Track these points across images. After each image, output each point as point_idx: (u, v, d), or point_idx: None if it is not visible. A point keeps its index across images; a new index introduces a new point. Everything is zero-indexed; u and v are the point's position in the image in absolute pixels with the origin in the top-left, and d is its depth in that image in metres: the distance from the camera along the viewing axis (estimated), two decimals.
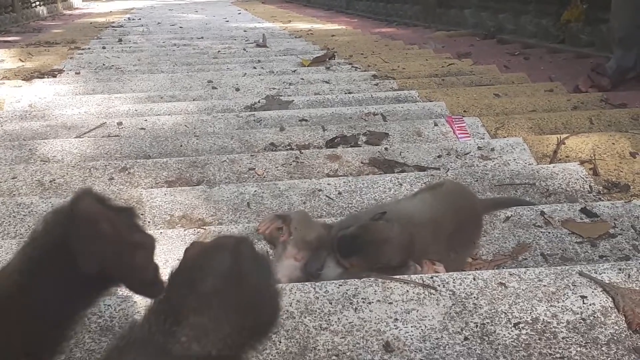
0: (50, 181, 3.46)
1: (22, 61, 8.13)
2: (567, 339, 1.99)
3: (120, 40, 10.98)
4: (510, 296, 2.15)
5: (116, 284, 1.24)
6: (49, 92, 6.11)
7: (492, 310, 2.09)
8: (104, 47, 9.84)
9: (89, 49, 9.75)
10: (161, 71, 7.38)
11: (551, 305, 2.10)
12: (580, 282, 2.19)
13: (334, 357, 1.94)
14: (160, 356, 1.14)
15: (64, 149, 4.03)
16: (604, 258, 2.54)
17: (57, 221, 1.20)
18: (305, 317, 2.09)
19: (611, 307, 2.09)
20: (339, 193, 3.18)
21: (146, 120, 4.64)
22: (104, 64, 7.92)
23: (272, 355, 1.94)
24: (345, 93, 5.79)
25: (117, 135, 4.38)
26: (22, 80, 6.71)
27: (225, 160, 3.66)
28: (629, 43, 5.40)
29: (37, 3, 17.05)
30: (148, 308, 1.15)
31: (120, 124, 4.55)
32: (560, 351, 1.95)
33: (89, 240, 1.14)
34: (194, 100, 5.60)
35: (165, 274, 2.35)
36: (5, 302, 1.16)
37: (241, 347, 1.20)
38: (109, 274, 1.19)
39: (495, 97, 5.29)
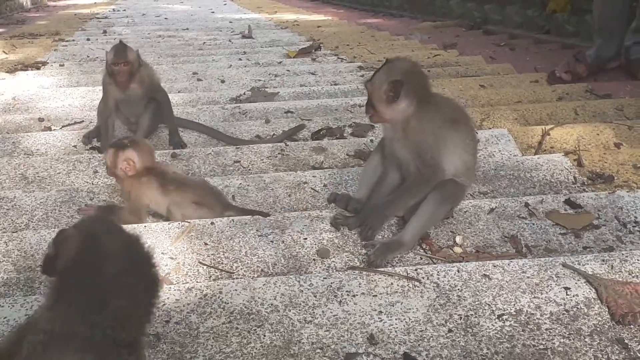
0: (34, 174, 3.44)
1: (6, 53, 8.06)
2: (551, 330, 1.99)
3: (104, 31, 10.90)
4: (494, 288, 2.15)
5: None
6: (33, 84, 6.06)
7: (476, 302, 2.10)
8: (88, 39, 9.77)
9: (74, 40, 9.68)
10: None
11: (535, 297, 2.11)
12: (564, 274, 2.20)
13: (318, 351, 1.94)
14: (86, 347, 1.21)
15: (47, 142, 4.00)
16: (588, 249, 2.55)
17: None
18: (290, 311, 2.09)
19: (594, 299, 2.10)
20: (324, 185, 3.17)
21: None
22: (88, 56, 7.87)
23: (256, 348, 1.94)
24: (331, 85, 5.78)
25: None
26: (6, 72, 6.66)
27: (210, 153, 3.64)
28: (608, 33, 5.43)
29: None
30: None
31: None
32: (543, 342, 1.96)
33: None
34: (178, 92, 5.57)
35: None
36: None
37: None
38: None
39: (481, 88, 5.30)
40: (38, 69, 7.01)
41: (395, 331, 2.00)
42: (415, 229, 2.52)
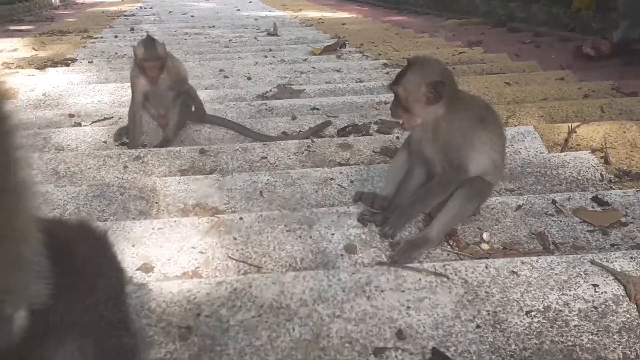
0: (65, 169, 3.50)
1: (36, 50, 8.16)
2: (579, 327, 2.00)
3: (132, 29, 10.99)
4: (522, 284, 2.16)
5: None
6: (63, 80, 6.14)
7: (504, 299, 2.11)
8: (116, 36, 9.86)
9: (102, 37, 9.78)
10: None
11: (563, 294, 2.12)
12: (592, 271, 2.20)
13: (347, 345, 1.96)
14: None
15: (78, 138, 4.06)
16: (616, 246, 2.55)
17: None
18: (319, 305, 2.11)
19: (623, 296, 2.10)
20: (351, 182, 3.19)
21: None
22: (116, 53, 7.95)
23: (285, 342, 1.97)
24: (357, 82, 5.80)
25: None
26: (36, 69, 6.74)
27: (237, 149, 3.68)
28: (634, 16, 5.48)
29: None
30: None
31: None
32: (572, 339, 1.96)
33: None
34: (205, 89, 5.62)
35: (177, 262, 2.39)
36: None
37: None
38: None
39: (506, 86, 5.29)
40: (67, 65, 7.09)
41: (424, 326, 2.02)
42: (441, 226, 2.53)
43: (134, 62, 3.91)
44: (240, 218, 2.73)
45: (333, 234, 2.63)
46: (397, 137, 3.77)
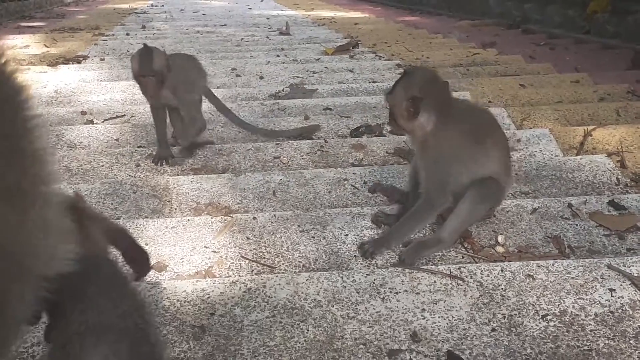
0: (78, 167, 3.49)
1: (47, 47, 8.18)
2: (595, 332, 1.98)
3: (143, 26, 11.03)
4: (538, 288, 2.14)
5: None
6: (74, 78, 6.15)
7: (520, 302, 2.09)
8: (127, 34, 9.88)
9: (113, 35, 9.80)
10: None
11: (579, 298, 2.10)
12: (609, 275, 2.18)
13: (361, 346, 1.95)
14: None
15: (90, 135, 4.06)
16: (632, 251, 2.52)
17: None
18: (333, 306, 2.10)
19: (639, 300, 2.08)
20: (365, 182, 3.18)
21: None
22: (128, 51, 7.96)
23: (299, 343, 1.96)
24: (370, 82, 5.79)
25: (143, 122, 4.40)
26: (47, 66, 6.76)
27: (250, 149, 3.67)
28: None
29: None
30: None
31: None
32: (588, 343, 1.94)
33: None
34: (217, 87, 5.60)
35: (191, 261, 2.39)
36: None
37: None
38: None
39: (521, 88, 5.26)
40: (79, 62, 7.11)
41: (439, 329, 2.00)
42: (453, 227, 2.51)
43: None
44: (254, 218, 2.73)
45: (347, 235, 2.62)
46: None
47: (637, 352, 1.92)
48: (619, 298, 2.09)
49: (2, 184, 1.07)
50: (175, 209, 3.01)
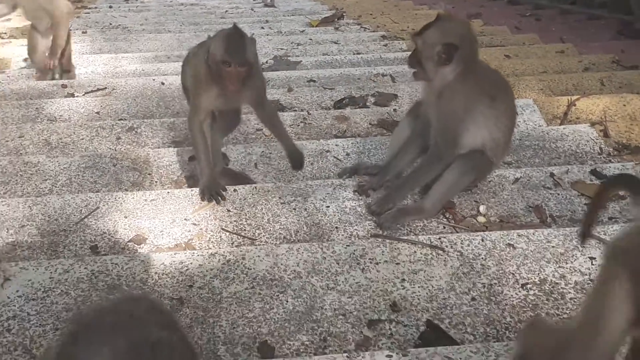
0: (58, 140, 3.45)
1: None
2: (575, 300, 1.98)
3: None
4: (519, 257, 2.14)
5: None
6: None
7: (500, 271, 2.09)
8: (110, 6, 9.76)
9: (96, 8, 9.67)
10: (168, 31, 7.32)
11: (559, 266, 2.10)
12: (589, 244, 2.18)
13: (340, 317, 1.94)
14: None
15: (71, 108, 4.01)
16: (614, 220, 2.52)
17: None
18: (313, 277, 2.09)
19: None
20: (347, 154, 3.15)
21: (154, 79, 4.61)
22: (110, 24, 7.86)
23: (279, 314, 1.95)
24: (354, 54, 5.74)
25: (125, 95, 4.35)
26: None
27: None
28: None
29: None
30: None
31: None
32: (567, 312, 1.94)
33: None
34: None
35: (170, 233, 2.37)
36: None
37: None
38: None
39: (506, 58, 5.24)
40: None
41: (418, 299, 1.99)
42: (436, 197, 2.51)
43: (203, 61, 2.70)
44: (235, 190, 2.70)
45: (328, 207, 2.60)
46: (394, 110, 3.73)
47: None
48: (599, 266, 2.09)
49: None
50: (156, 181, 2.98)
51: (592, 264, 2.09)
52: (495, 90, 2.53)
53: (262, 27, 7.41)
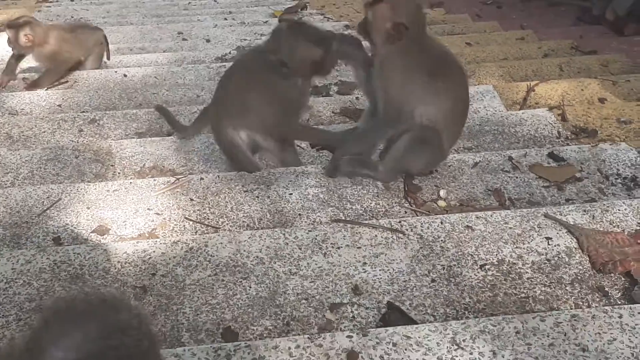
0: (19, 133, 3.43)
1: None
2: (532, 279, 2.03)
3: None
4: (477, 239, 2.18)
5: None
6: None
7: (459, 253, 2.13)
8: (72, 0, 9.64)
9: (57, 1, 9.54)
10: (130, 23, 7.27)
11: (517, 247, 2.14)
12: (546, 224, 2.23)
13: (303, 301, 1.96)
14: None
15: (32, 102, 3.98)
16: (570, 201, 2.57)
17: None
18: (275, 263, 2.11)
19: (575, 248, 2.13)
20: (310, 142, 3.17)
21: (115, 72, 4.58)
22: (72, 17, 7.77)
23: (242, 300, 1.97)
24: None
25: (87, 88, 4.32)
26: None
27: (195, 111, 3.62)
28: None
29: None
30: None
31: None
32: (525, 291, 1.99)
33: None
34: (164, 52, 5.54)
35: (133, 223, 2.37)
36: None
37: None
38: None
39: (467, 46, 5.28)
40: None
41: (379, 282, 2.02)
42: (390, 161, 2.62)
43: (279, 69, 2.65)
44: (201, 178, 2.71)
45: (291, 194, 2.62)
46: (357, 98, 3.76)
47: (573, 297, 1.97)
48: (555, 246, 2.14)
49: None
50: (119, 173, 2.98)
51: (548, 244, 2.14)
52: (436, 68, 2.55)
53: (226, 18, 7.39)
